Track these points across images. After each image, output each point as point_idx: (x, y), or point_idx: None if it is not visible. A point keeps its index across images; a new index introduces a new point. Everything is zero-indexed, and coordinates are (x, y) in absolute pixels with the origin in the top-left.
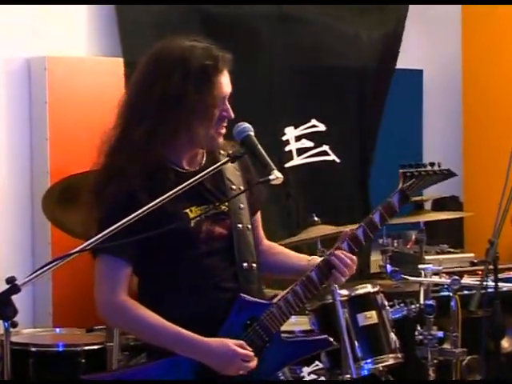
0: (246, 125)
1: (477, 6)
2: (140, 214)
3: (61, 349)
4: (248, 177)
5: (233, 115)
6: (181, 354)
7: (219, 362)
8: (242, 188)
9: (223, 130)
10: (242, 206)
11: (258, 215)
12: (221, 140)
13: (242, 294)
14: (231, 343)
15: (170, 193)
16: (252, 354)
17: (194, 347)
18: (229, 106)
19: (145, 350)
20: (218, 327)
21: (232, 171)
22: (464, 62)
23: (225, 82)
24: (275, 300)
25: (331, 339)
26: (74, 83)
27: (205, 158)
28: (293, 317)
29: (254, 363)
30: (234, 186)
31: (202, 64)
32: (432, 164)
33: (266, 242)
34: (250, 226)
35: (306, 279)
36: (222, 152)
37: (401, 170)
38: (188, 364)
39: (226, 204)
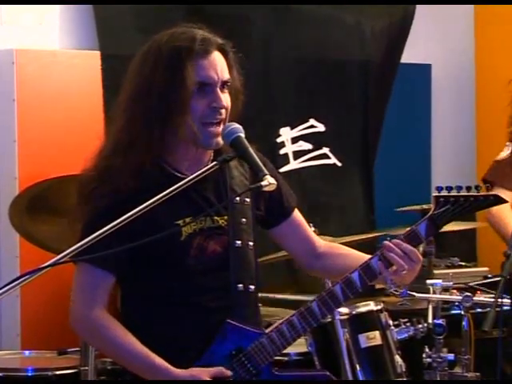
0: (236, 125)
1: None
2: (124, 220)
3: (30, 373)
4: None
5: (224, 104)
6: None
7: None
8: (247, 200)
9: (218, 127)
10: (244, 220)
11: (298, 217)
12: (217, 141)
13: (229, 320)
14: (204, 376)
15: (154, 199)
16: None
17: (163, 377)
18: (221, 94)
19: (123, 375)
20: (200, 354)
21: (239, 180)
22: (477, 56)
23: (208, 66)
24: (268, 330)
25: (331, 376)
26: (45, 79)
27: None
28: None
29: None
30: (237, 198)
31: (173, 46)
32: (469, 188)
33: (325, 244)
34: (251, 244)
35: (305, 310)
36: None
37: (434, 195)
38: None
39: (225, 218)
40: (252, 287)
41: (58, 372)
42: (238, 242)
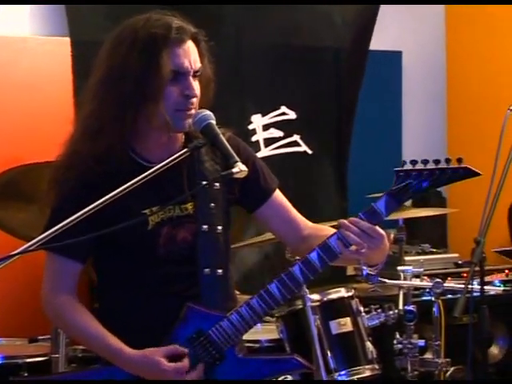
0: (207, 112)
1: None
2: (92, 209)
3: (0, 361)
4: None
5: (196, 93)
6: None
7: (144, 374)
8: (217, 185)
9: (190, 111)
10: (212, 205)
11: (279, 198)
12: (189, 122)
13: (189, 304)
14: (158, 355)
15: (122, 187)
16: (184, 365)
17: (118, 358)
18: (193, 82)
19: (94, 362)
20: (164, 338)
21: (210, 165)
22: (448, 43)
23: (182, 55)
24: (229, 312)
25: (300, 360)
26: (16, 65)
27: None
28: (259, 324)
29: (190, 376)
30: (204, 183)
31: (149, 32)
32: (437, 161)
33: (311, 225)
34: (220, 228)
35: (264, 292)
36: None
37: (395, 169)
38: (122, 375)
39: (192, 204)
40: (220, 271)
41: (28, 360)
42: (205, 227)
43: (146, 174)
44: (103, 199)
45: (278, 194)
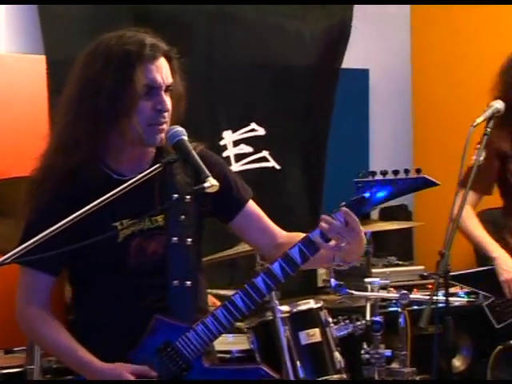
0: (179, 128)
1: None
2: (63, 225)
3: None
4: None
5: (168, 107)
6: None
7: None
8: (187, 197)
9: (162, 126)
10: (183, 217)
11: (253, 208)
12: (161, 137)
13: (157, 315)
14: (125, 371)
15: (95, 202)
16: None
17: (87, 370)
18: (165, 97)
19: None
20: (133, 349)
21: (182, 179)
22: (414, 61)
23: (155, 70)
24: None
25: (267, 369)
26: None
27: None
28: (230, 335)
29: None
30: (176, 196)
31: (124, 49)
32: (396, 172)
33: (285, 234)
34: (190, 240)
35: (229, 303)
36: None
37: (355, 180)
38: None
39: (163, 217)
40: (188, 283)
41: (3, 371)
42: (175, 239)
43: (120, 188)
44: (76, 214)
45: (252, 205)
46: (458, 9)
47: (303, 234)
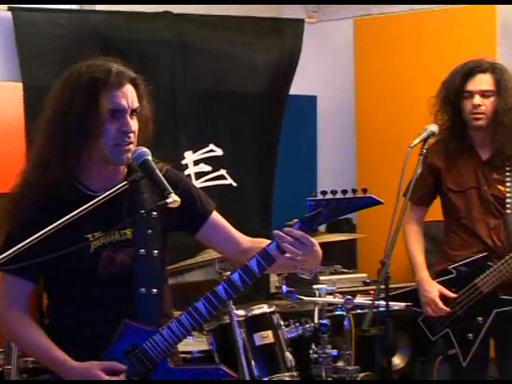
0: (144, 149)
1: (368, 36)
2: (39, 236)
3: None
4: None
5: (133, 129)
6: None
7: None
8: (154, 213)
9: (128, 146)
10: (150, 231)
11: (217, 219)
12: (128, 156)
13: (125, 320)
14: (96, 368)
15: (68, 216)
16: (119, 377)
17: (61, 369)
18: (130, 120)
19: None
20: (103, 351)
21: (148, 196)
22: (357, 88)
23: (120, 96)
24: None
25: (226, 369)
26: None
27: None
28: (190, 337)
29: None
30: (143, 212)
31: (91, 77)
32: (345, 191)
33: (249, 240)
34: (156, 252)
35: (192, 309)
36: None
37: (308, 198)
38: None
39: (131, 230)
40: (154, 291)
41: None
42: (142, 251)
43: (91, 203)
44: (51, 226)
45: (216, 215)
46: (396, 42)
47: (267, 240)
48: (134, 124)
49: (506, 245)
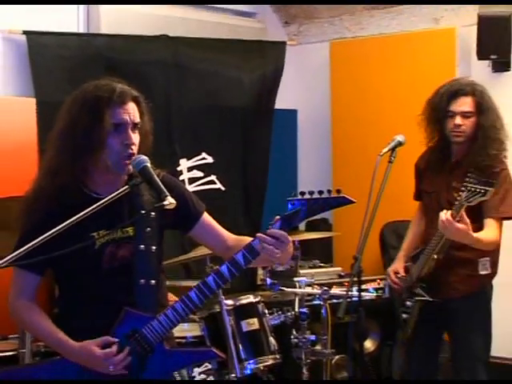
0: (143, 157)
1: (343, 56)
2: (50, 235)
3: None
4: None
5: (134, 142)
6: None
7: (83, 362)
8: (152, 214)
9: (129, 159)
10: (148, 229)
11: (207, 219)
12: (129, 167)
13: (126, 308)
14: (92, 345)
15: (76, 217)
16: (111, 350)
17: (63, 349)
18: (131, 133)
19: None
20: (107, 335)
21: (147, 198)
22: (333, 103)
23: (122, 112)
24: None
25: (216, 351)
26: None
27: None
28: (185, 324)
29: (117, 358)
30: (143, 212)
31: (96, 95)
32: (321, 192)
33: (234, 237)
34: (154, 248)
35: (185, 297)
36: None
37: (287, 198)
38: (71, 363)
39: (133, 229)
40: (153, 282)
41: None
42: (142, 246)
43: (96, 205)
44: (61, 226)
45: (206, 216)
46: (367, 62)
47: (249, 238)
48: (135, 137)
49: None
